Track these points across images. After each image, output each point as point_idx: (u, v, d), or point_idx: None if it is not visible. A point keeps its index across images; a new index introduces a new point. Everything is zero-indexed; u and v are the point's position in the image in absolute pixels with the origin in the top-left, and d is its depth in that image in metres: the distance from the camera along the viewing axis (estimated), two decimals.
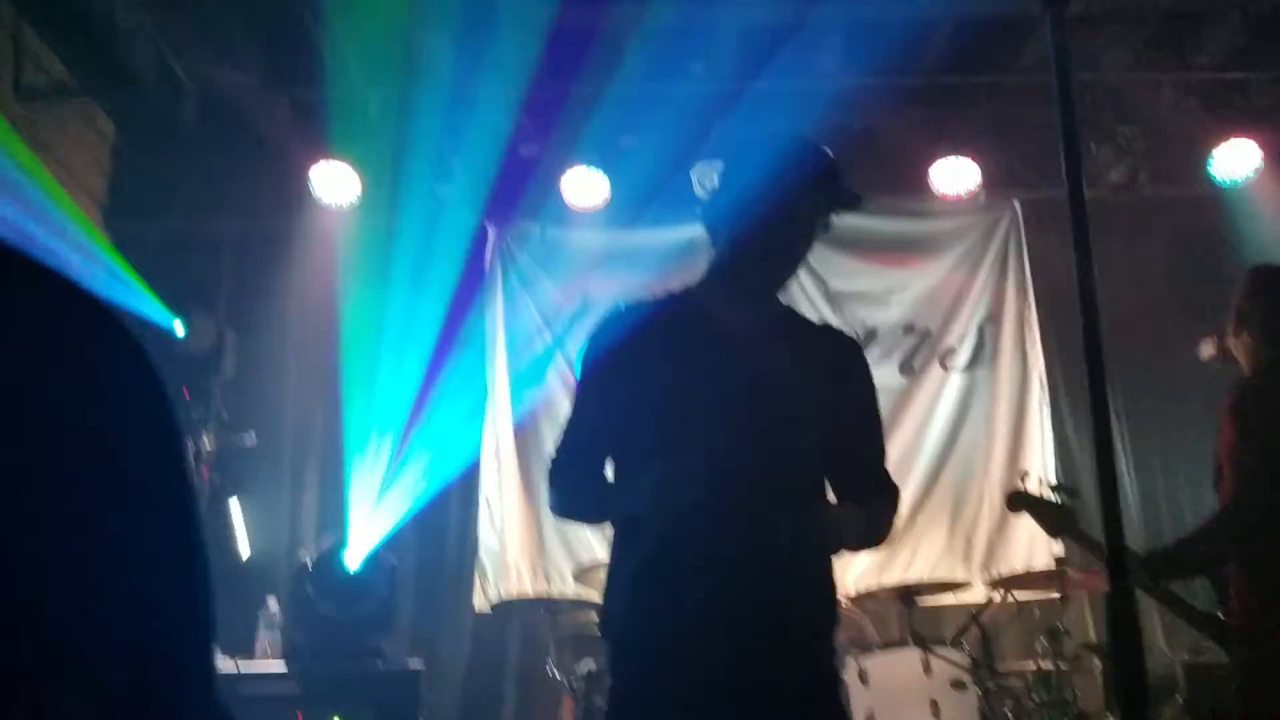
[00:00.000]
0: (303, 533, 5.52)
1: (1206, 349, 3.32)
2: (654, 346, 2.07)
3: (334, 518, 5.30)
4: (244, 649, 4.44)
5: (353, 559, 4.53)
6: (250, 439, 5.40)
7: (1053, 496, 3.26)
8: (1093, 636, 4.87)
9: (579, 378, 2.26)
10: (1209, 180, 5.50)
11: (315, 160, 5.46)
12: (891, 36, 5.02)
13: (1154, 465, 5.63)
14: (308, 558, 4.60)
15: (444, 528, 5.56)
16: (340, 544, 4.57)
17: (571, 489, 2.17)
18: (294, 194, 5.54)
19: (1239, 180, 5.47)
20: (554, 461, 2.19)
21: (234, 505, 5.11)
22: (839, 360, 2.19)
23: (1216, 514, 2.93)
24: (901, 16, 4.95)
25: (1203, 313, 4.05)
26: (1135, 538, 5.20)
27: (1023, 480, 3.49)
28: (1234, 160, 5.43)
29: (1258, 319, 3.06)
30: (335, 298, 5.53)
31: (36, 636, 0.46)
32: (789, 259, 2.11)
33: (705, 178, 5.63)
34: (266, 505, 5.47)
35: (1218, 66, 5.44)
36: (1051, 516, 3.11)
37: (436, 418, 5.42)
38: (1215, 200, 5.57)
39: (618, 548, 2.10)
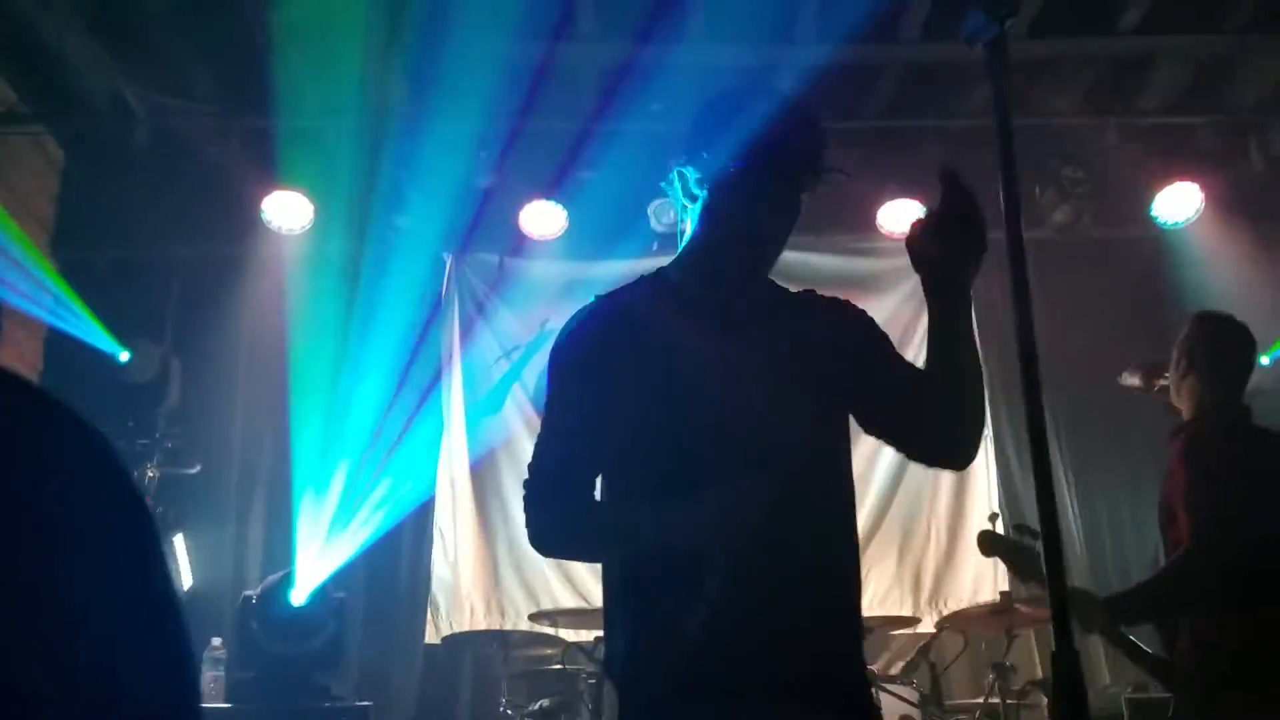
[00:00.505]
0: (248, 567, 5.43)
1: (1131, 379, 3.37)
2: (649, 337, 1.83)
3: (281, 552, 5.22)
4: None
5: (299, 594, 4.47)
6: (195, 470, 5.34)
7: (1019, 538, 3.16)
8: (1039, 672, 4.92)
9: (551, 382, 1.92)
10: (1151, 223, 5.63)
11: (267, 188, 5.43)
12: (842, 80, 5.11)
13: (1098, 504, 5.71)
14: (253, 593, 4.53)
15: (396, 560, 5.51)
16: (287, 579, 4.50)
17: (562, 516, 1.81)
18: (245, 221, 5.50)
19: (1180, 223, 5.60)
20: (531, 482, 1.81)
21: (178, 540, 5.02)
22: (835, 316, 1.98)
23: (1176, 559, 2.92)
24: (852, 60, 5.04)
25: (1144, 352, 4.13)
26: (1081, 575, 5.28)
27: (992, 522, 3.48)
28: (1176, 203, 5.57)
29: (1204, 364, 3.11)
30: (286, 326, 5.48)
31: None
32: (779, 243, 1.91)
33: (662, 214, 5.70)
34: (211, 538, 5.38)
35: (1162, 111, 5.60)
36: (1022, 561, 3.04)
37: (390, 449, 5.38)
38: (1157, 242, 5.71)
39: (646, 590, 1.74)
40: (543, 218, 5.62)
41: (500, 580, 5.48)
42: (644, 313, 1.87)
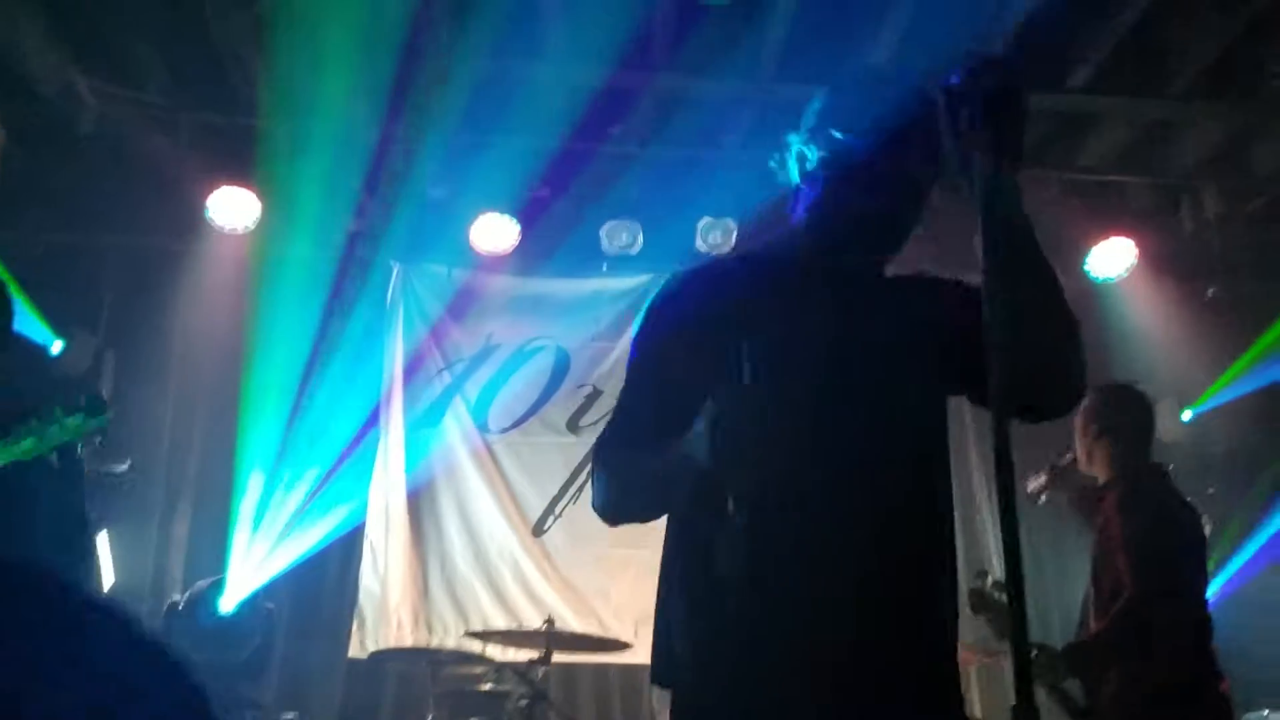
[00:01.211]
0: (170, 568, 5.31)
1: (1036, 482, 3.59)
2: (746, 313, 1.71)
3: (205, 555, 5.12)
4: None
5: (228, 603, 4.39)
6: (124, 467, 5.21)
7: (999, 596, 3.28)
8: (978, 710, 5.02)
9: (641, 342, 1.82)
10: (1085, 276, 5.81)
11: (215, 184, 5.33)
12: (797, 120, 5.18)
13: (1044, 555, 5.74)
14: (180, 598, 4.44)
15: (323, 571, 5.41)
16: (217, 586, 4.42)
17: (634, 459, 1.73)
18: (190, 217, 5.38)
19: (1112, 278, 5.79)
20: (605, 439, 1.75)
21: (102, 538, 4.89)
22: (944, 296, 1.82)
23: (1125, 603, 3.08)
24: (807, 99, 5.11)
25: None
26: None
27: (982, 579, 3.54)
28: (1109, 259, 5.75)
29: (1114, 427, 3.37)
30: (227, 325, 5.38)
31: None
32: (897, 233, 1.78)
33: (615, 236, 5.72)
34: (134, 537, 5.24)
35: (1102, 169, 5.78)
36: (1002, 620, 3.14)
37: (330, 458, 5.31)
38: (1089, 295, 5.88)
39: (709, 585, 1.63)
40: (495, 232, 5.60)
41: (430, 596, 5.43)
42: (746, 285, 1.77)
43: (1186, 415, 5.73)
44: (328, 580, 5.44)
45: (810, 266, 1.78)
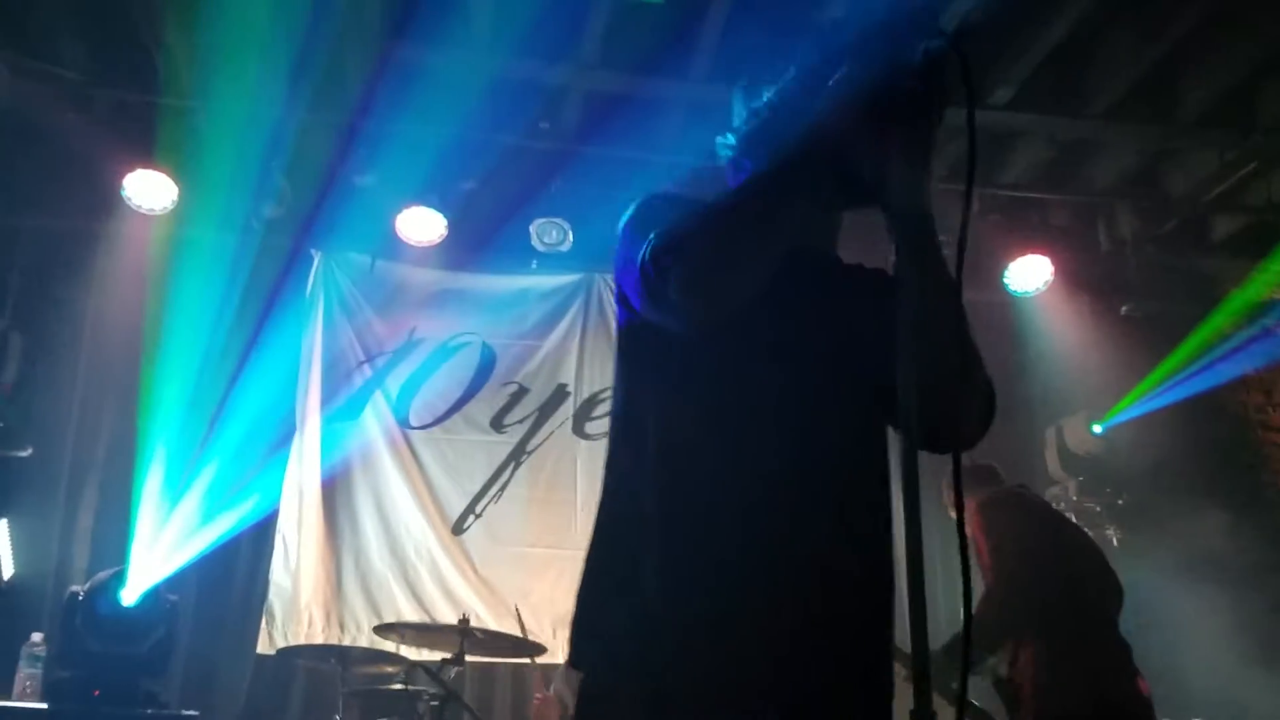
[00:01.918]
0: (73, 558, 5.13)
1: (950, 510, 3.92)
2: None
3: (110, 545, 4.96)
4: (0, 685, 4.09)
5: (130, 594, 4.25)
6: (27, 453, 5.04)
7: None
8: None
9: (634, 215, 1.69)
10: (1004, 290, 5.92)
11: (131, 165, 5.18)
12: (725, 122, 5.19)
13: (934, 558, 5.90)
14: (80, 588, 4.29)
15: (232, 564, 5.28)
16: (118, 577, 4.28)
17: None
18: (104, 197, 5.23)
19: (1030, 293, 5.91)
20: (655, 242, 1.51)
21: (1, 526, 4.72)
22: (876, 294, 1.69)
23: (978, 605, 3.51)
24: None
25: (1005, 402, 4.40)
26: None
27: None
28: (1027, 274, 5.87)
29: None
30: (140, 310, 5.23)
31: None
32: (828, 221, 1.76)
33: (545, 233, 5.68)
34: (36, 525, 5.07)
35: (1022, 186, 5.89)
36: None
37: (240, 449, 5.18)
38: (1007, 309, 6.00)
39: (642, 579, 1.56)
40: (421, 223, 5.52)
41: (343, 593, 5.32)
42: None
43: (1097, 429, 5.87)
44: (237, 573, 5.31)
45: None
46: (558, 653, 4.97)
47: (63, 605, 4.26)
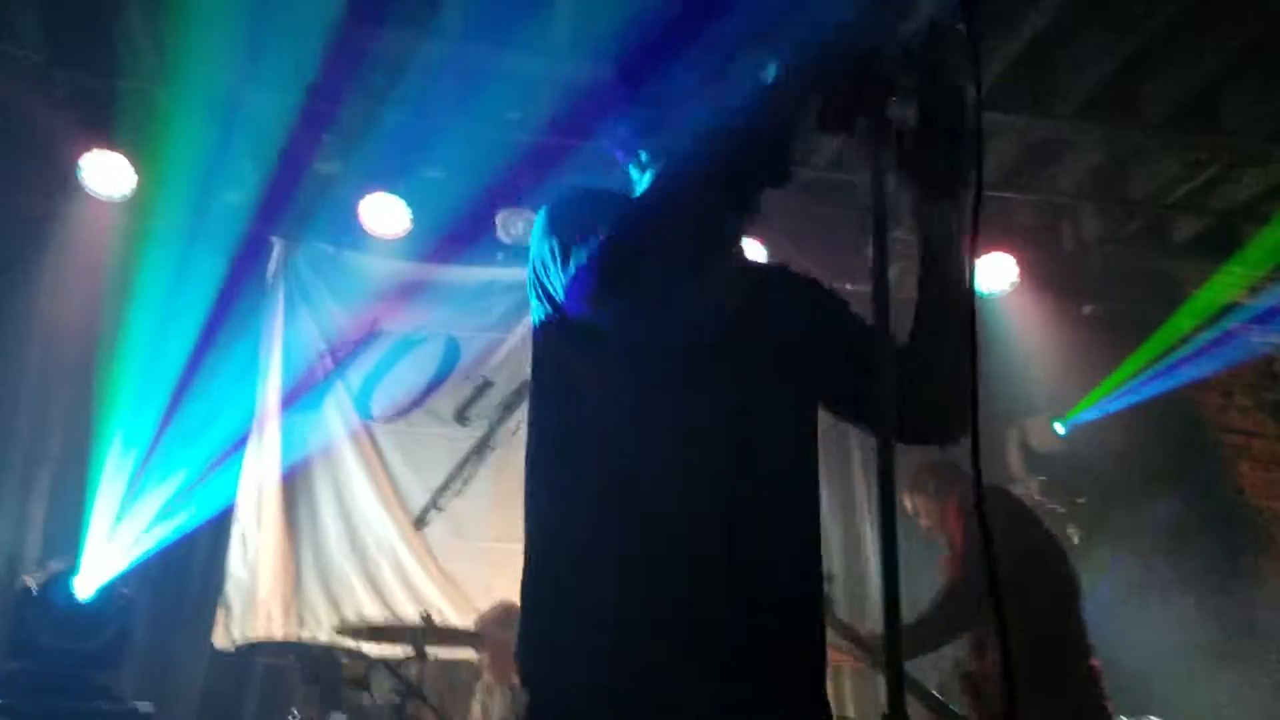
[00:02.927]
0: (26, 549, 5.00)
1: (908, 503, 3.97)
2: None
3: (63, 537, 4.85)
4: None
5: (85, 588, 4.16)
6: None
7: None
8: (851, 712, 5.09)
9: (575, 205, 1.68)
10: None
11: (88, 147, 5.07)
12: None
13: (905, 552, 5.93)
14: (33, 580, 4.19)
15: (189, 556, 5.18)
16: (72, 570, 4.19)
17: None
18: (60, 180, 5.10)
19: (996, 293, 5.93)
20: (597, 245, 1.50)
21: None
22: (802, 295, 1.81)
23: (941, 590, 3.59)
24: None
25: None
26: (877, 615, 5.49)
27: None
28: (993, 273, 5.90)
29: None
30: (97, 295, 5.12)
31: None
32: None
33: (511, 225, 5.62)
34: None
35: (988, 185, 5.91)
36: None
37: (199, 440, 5.08)
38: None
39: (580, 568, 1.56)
40: (385, 213, 5.44)
41: (302, 588, 5.23)
42: None
43: (1060, 428, 5.92)
44: (194, 567, 5.20)
45: None
46: None
47: (15, 597, 4.16)
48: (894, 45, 1.41)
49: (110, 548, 4.63)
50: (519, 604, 1.65)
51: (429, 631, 4.04)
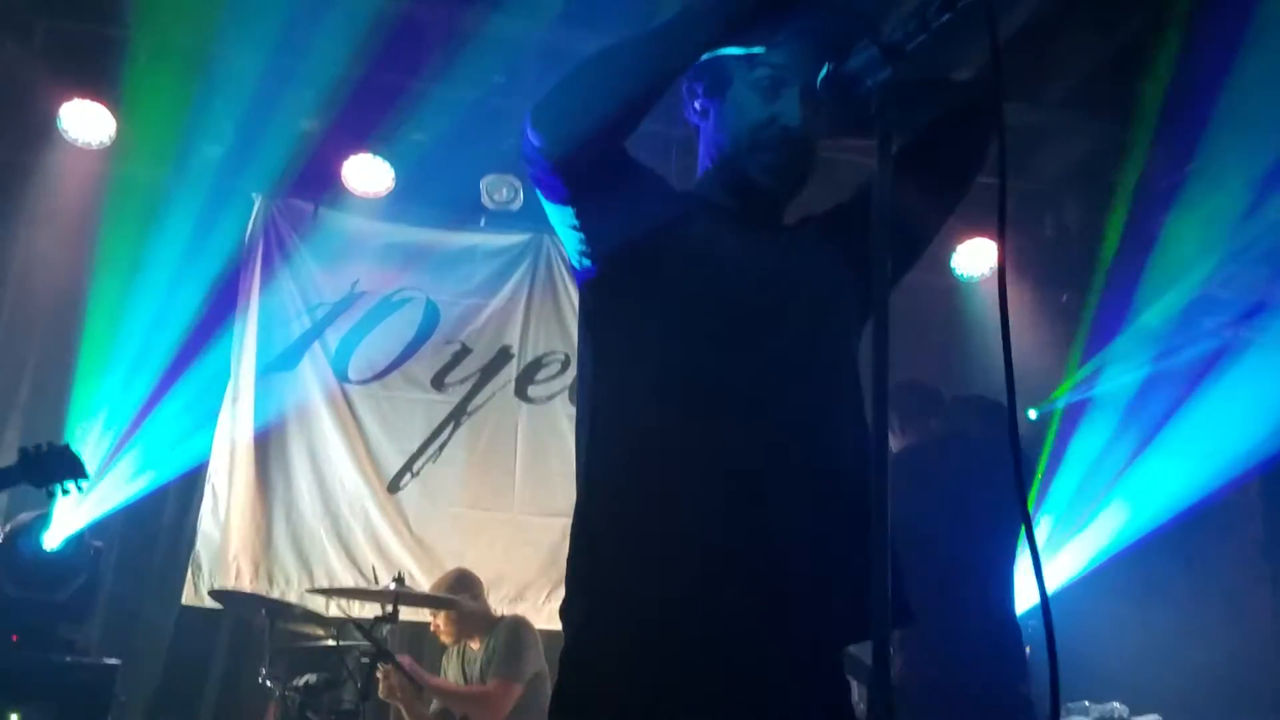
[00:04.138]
0: None
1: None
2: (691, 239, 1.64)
3: (32, 490, 4.79)
4: None
5: (53, 539, 4.12)
6: None
7: None
8: None
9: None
10: (951, 273, 5.97)
11: (69, 96, 4.99)
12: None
13: None
14: (0, 531, 4.15)
15: (159, 511, 5.14)
16: (42, 520, 4.15)
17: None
18: (40, 129, 5.03)
19: (976, 277, 5.97)
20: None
21: None
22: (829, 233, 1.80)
23: None
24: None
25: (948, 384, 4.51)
26: None
27: None
28: (974, 258, 5.93)
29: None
30: (72, 246, 5.05)
31: None
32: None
33: (496, 190, 5.58)
34: None
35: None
36: None
37: (172, 395, 5.03)
38: (953, 293, 6.05)
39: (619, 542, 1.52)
40: (368, 173, 5.40)
41: (273, 546, 5.20)
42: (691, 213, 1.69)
43: (1032, 414, 5.97)
44: (164, 522, 5.17)
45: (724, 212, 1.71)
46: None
47: None
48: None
49: (80, 499, 4.58)
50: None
51: (400, 595, 4.04)
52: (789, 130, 1.66)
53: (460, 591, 4.38)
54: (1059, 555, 5.52)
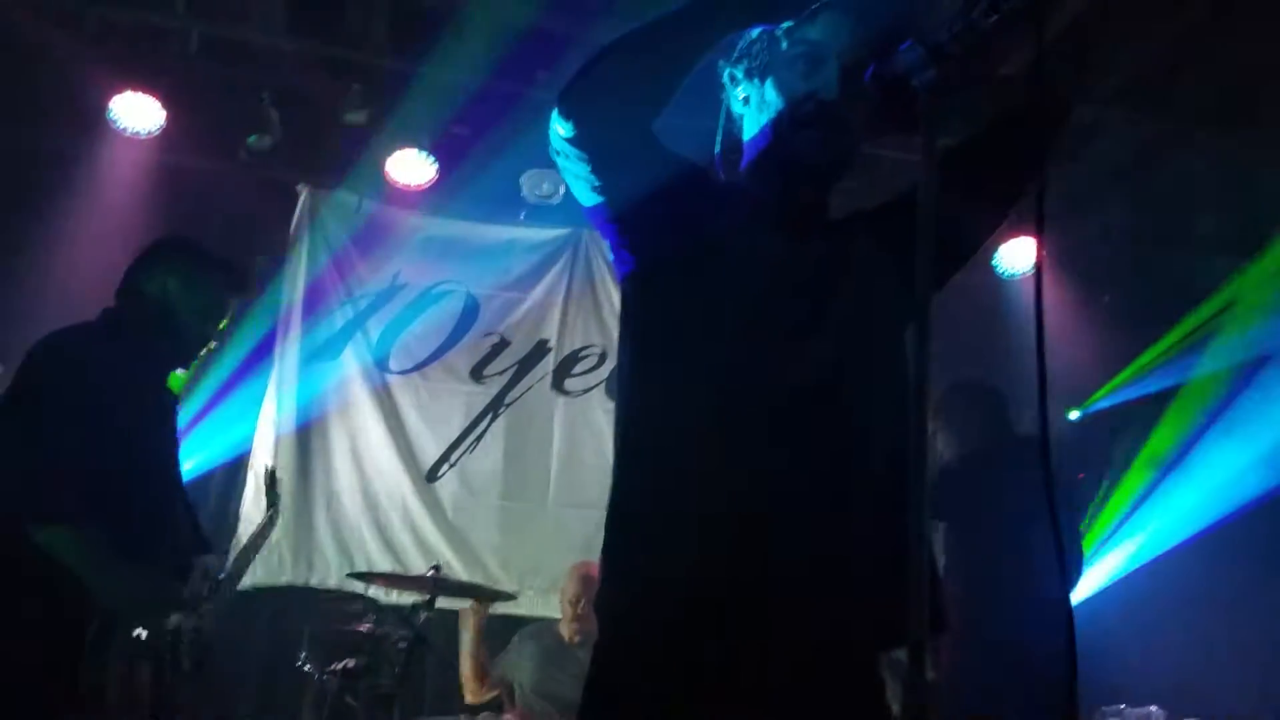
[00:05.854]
0: None
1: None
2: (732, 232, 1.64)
3: None
4: None
5: None
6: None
7: None
8: None
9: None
10: (993, 271, 5.93)
11: (119, 87, 5.06)
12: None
13: None
14: None
15: (203, 499, 5.19)
16: None
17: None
18: (90, 119, 5.10)
19: (1018, 274, 5.92)
20: None
21: None
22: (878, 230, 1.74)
23: None
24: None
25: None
26: None
27: None
28: (1016, 256, 5.88)
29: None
30: (120, 234, 5.11)
31: None
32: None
33: (536, 184, 5.60)
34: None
35: None
36: None
37: (217, 382, 5.10)
38: (996, 290, 6.00)
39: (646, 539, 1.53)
40: (412, 167, 5.43)
41: (314, 533, 5.27)
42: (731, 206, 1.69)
43: (1074, 415, 5.92)
44: (207, 509, 5.22)
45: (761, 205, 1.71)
46: (524, 604, 4.99)
47: None
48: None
49: None
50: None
51: (437, 582, 4.08)
52: (827, 104, 1.63)
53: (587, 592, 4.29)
54: (1111, 554, 5.49)
